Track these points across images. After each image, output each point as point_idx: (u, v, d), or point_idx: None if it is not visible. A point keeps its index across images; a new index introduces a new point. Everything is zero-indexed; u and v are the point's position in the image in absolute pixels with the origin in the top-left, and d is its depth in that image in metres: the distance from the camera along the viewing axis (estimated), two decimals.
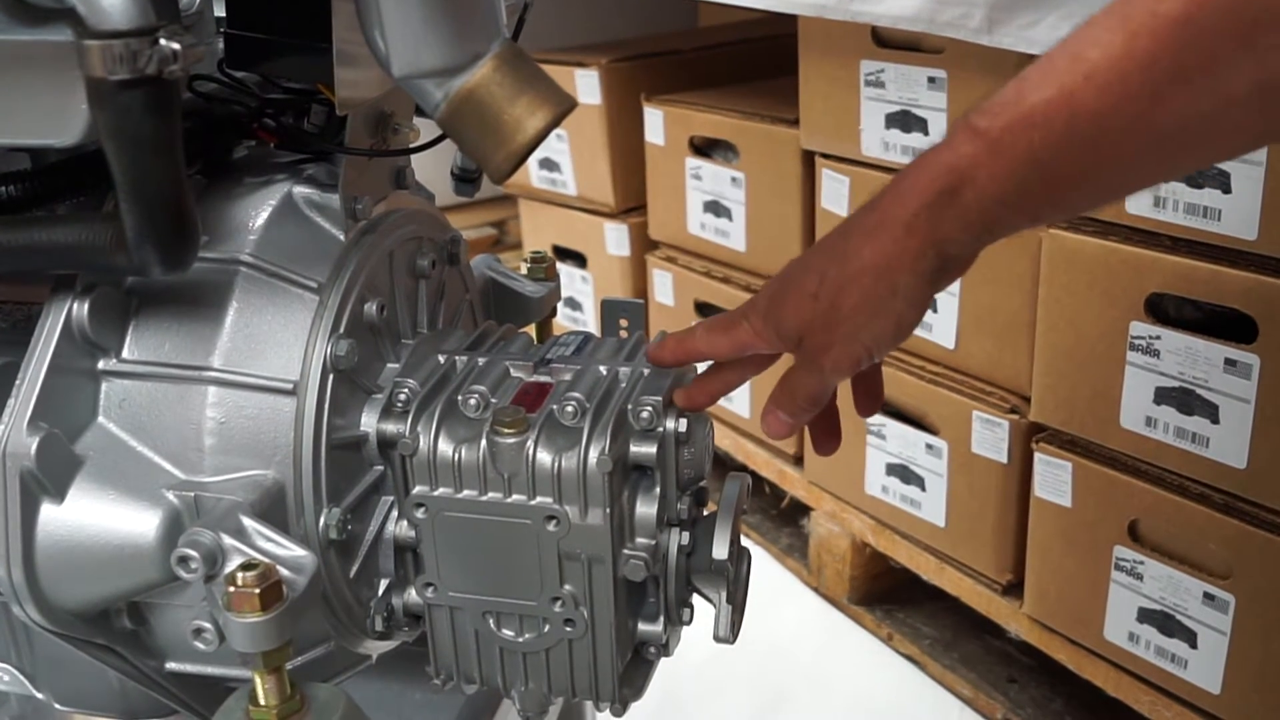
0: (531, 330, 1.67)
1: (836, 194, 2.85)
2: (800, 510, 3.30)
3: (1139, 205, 2.17)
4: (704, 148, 3.37)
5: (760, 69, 3.50)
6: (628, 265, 3.77)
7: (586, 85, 3.63)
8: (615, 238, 3.76)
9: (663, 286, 3.58)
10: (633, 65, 3.65)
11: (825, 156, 2.90)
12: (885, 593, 3.11)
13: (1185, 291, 2.14)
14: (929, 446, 2.72)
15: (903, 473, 2.82)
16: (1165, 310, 2.19)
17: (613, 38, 3.89)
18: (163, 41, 0.93)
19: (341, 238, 1.28)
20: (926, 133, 2.58)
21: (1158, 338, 2.17)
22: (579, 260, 3.93)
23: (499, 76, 1.07)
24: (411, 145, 1.39)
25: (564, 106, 1.10)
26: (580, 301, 3.96)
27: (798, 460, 3.24)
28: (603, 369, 1.32)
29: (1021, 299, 2.45)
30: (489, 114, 1.07)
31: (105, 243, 1.06)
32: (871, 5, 2.44)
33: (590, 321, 3.96)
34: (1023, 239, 2.38)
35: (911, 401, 2.77)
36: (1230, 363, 2.07)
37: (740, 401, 3.34)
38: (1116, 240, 2.21)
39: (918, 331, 2.54)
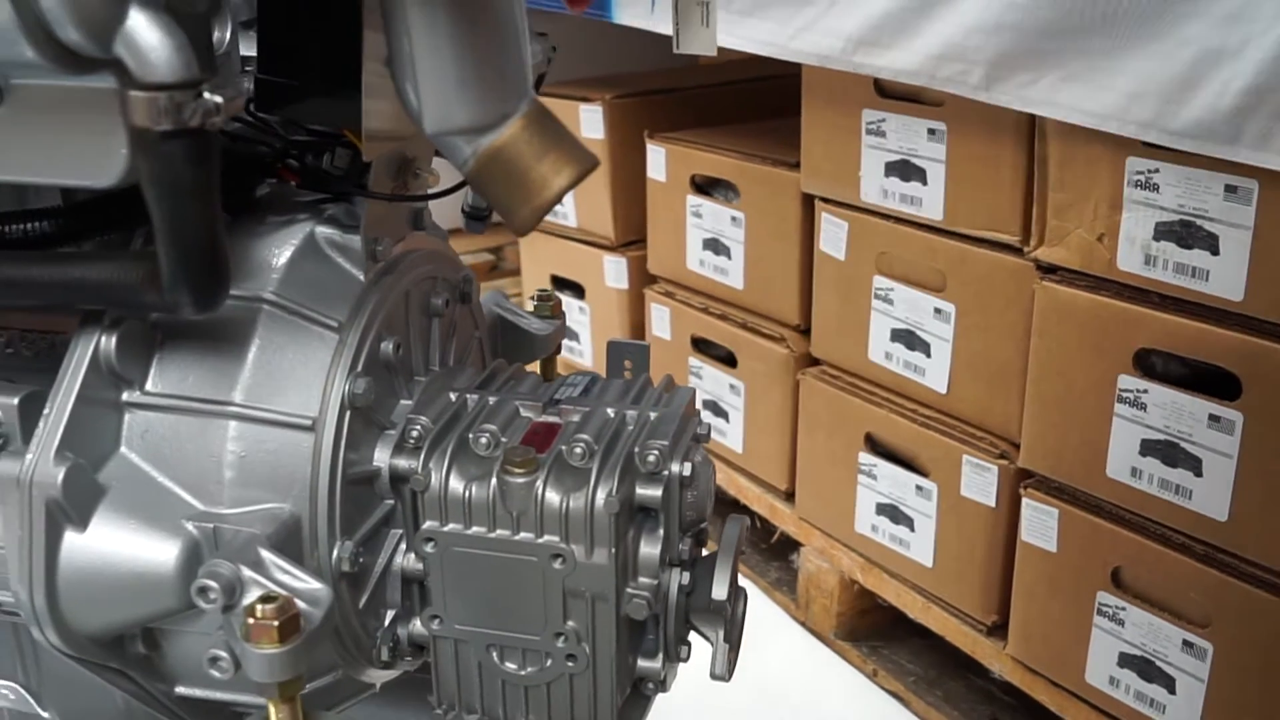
0: (536, 366, 1.71)
1: (835, 238, 2.89)
2: (790, 545, 3.33)
3: (1130, 263, 2.21)
4: (705, 186, 3.40)
5: (763, 108, 3.52)
6: (626, 298, 3.80)
7: (590, 120, 3.67)
8: (614, 270, 3.79)
9: (660, 321, 3.61)
10: (637, 102, 3.68)
11: (825, 200, 2.94)
12: (871, 629, 3.14)
13: (1173, 348, 2.18)
14: (919, 488, 2.76)
15: (892, 513, 2.85)
16: (1153, 365, 2.24)
17: (616, 70, 3.91)
18: (206, 95, 0.96)
19: (361, 278, 1.31)
20: (925, 182, 2.61)
21: (1145, 391, 2.21)
22: (577, 291, 3.96)
23: (527, 135, 1.10)
24: (431, 190, 1.42)
25: (587, 165, 1.13)
26: (577, 332, 3.99)
27: (789, 496, 3.28)
28: (610, 411, 1.35)
29: (1013, 348, 2.49)
30: (516, 171, 1.10)
31: (137, 281, 1.09)
32: (874, 58, 2.48)
33: (588, 352, 3.99)
34: (1016, 289, 2.44)
35: (903, 443, 2.81)
36: (1214, 419, 2.11)
37: (734, 436, 3.38)
38: (1108, 295, 2.26)
39: (910, 375, 2.60)
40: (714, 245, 3.35)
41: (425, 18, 1.05)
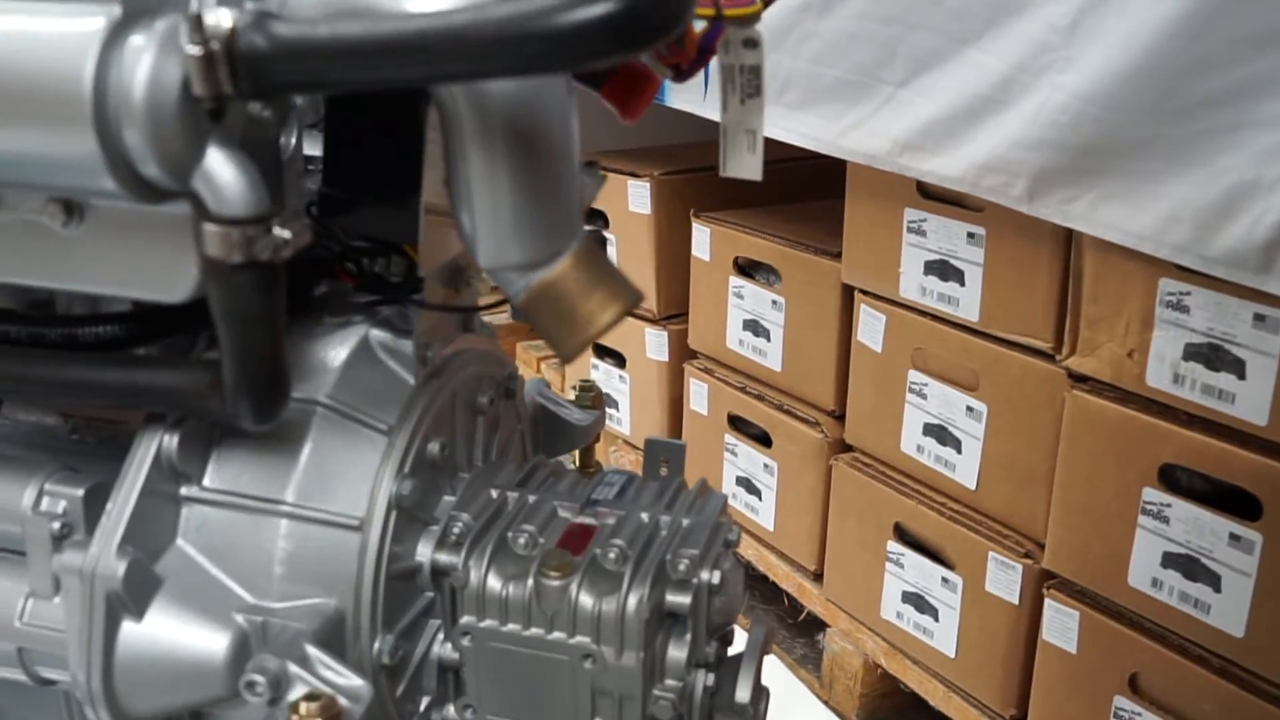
0: (575, 455, 1.75)
1: (873, 329, 2.94)
2: (816, 625, 3.36)
3: (1159, 380, 2.26)
4: (747, 268, 3.45)
5: (808, 189, 3.51)
6: (665, 370, 3.83)
7: (638, 195, 3.71)
8: (655, 343, 3.83)
9: (698, 396, 3.65)
10: (684, 179, 3.72)
11: (864, 293, 2.99)
12: (893, 711, 3.16)
13: (1197, 465, 2.22)
14: (944, 580, 2.80)
15: (918, 602, 2.89)
16: (1177, 479, 2.27)
17: (664, 141, 3.93)
18: (275, 230, 1.01)
19: (411, 381, 1.34)
20: (963, 283, 2.66)
21: (1168, 505, 2.25)
22: (618, 360, 4.00)
23: (576, 273, 1.14)
24: (482, 301, 1.47)
25: (632, 301, 1.17)
26: (616, 400, 4.03)
27: (817, 577, 3.31)
28: (645, 516, 1.37)
29: (1042, 452, 2.53)
30: (565, 305, 1.14)
31: (201, 390, 1.13)
32: (919, 162, 2.53)
33: (625, 420, 4.03)
34: (1047, 395, 2.49)
35: (931, 535, 2.85)
36: (1235, 537, 2.15)
37: (765, 513, 3.41)
38: (1136, 409, 2.30)
39: (940, 469, 2.64)
40: (754, 326, 3.40)
41: (485, 158, 1.08)
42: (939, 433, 2.79)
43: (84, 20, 0.98)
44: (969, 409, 2.69)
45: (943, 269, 2.71)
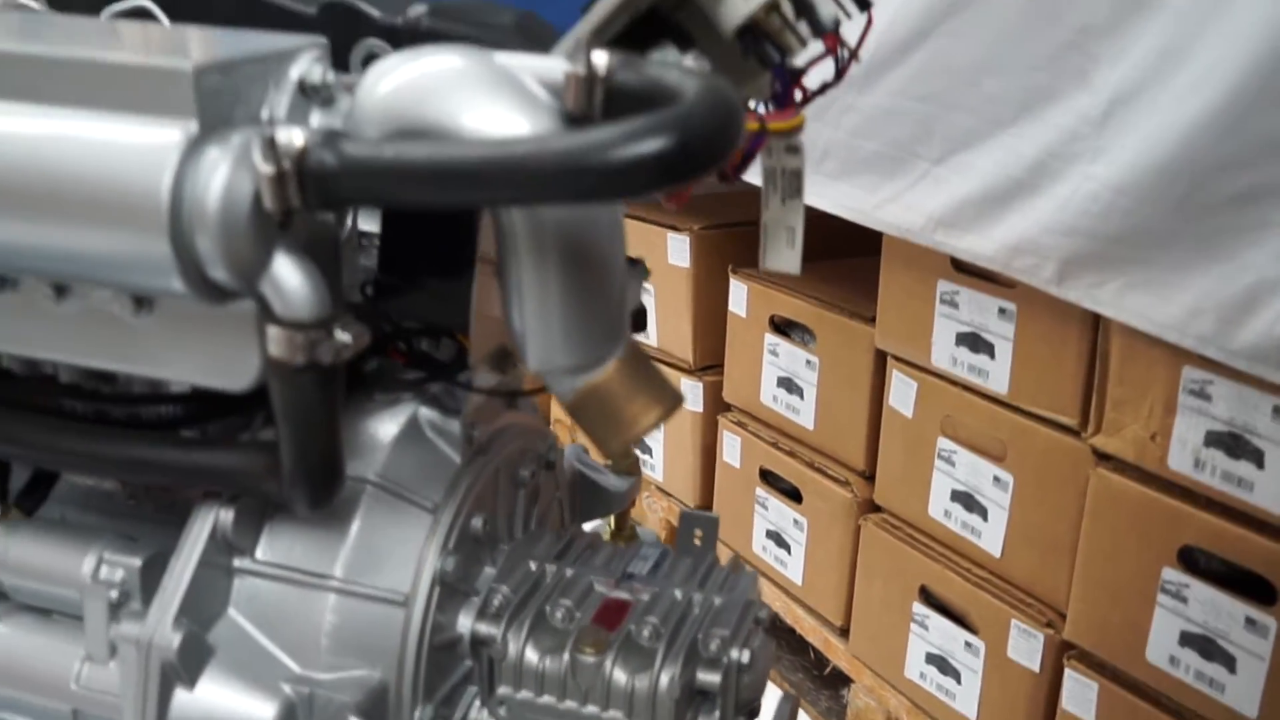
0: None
1: (904, 395, 2.98)
2: (841, 679, 3.39)
3: (1180, 463, 2.30)
4: (783, 326, 3.48)
5: (845, 246, 3.47)
6: (699, 421, 3.86)
7: (677, 249, 3.74)
8: (690, 394, 3.84)
9: (731, 448, 3.69)
10: (723, 234, 3.74)
11: (896, 359, 3.03)
12: None
13: (1215, 549, 2.26)
14: (968, 644, 2.83)
15: (941, 663, 2.92)
16: (1196, 561, 2.31)
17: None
18: (337, 334, 1.06)
19: (457, 460, 1.38)
20: (993, 356, 2.70)
21: (1187, 586, 2.29)
22: None
23: (621, 376, 1.17)
24: (528, 387, 1.52)
25: (673, 405, 1.21)
26: (650, 446, 4.06)
27: (843, 632, 3.33)
28: (678, 593, 1.41)
29: (1066, 525, 2.56)
30: (609, 407, 1.18)
31: (259, 472, 1.18)
32: (953, 239, 2.57)
33: (659, 466, 4.07)
34: (1072, 470, 2.53)
35: (955, 599, 2.89)
36: (1250, 621, 2.18)
37: (794, 568, 3.45)
38: (1157, 490, 2.34)
39: (967, 535, 2.67)
40: (788, 384, 3.44)
41: (537, 270, 1.12)
42: (966, 499, 2.83)
43: (163, 132, 1.03)
44: (996, 479, 2.73)
45: (974, 341, 2.76)
